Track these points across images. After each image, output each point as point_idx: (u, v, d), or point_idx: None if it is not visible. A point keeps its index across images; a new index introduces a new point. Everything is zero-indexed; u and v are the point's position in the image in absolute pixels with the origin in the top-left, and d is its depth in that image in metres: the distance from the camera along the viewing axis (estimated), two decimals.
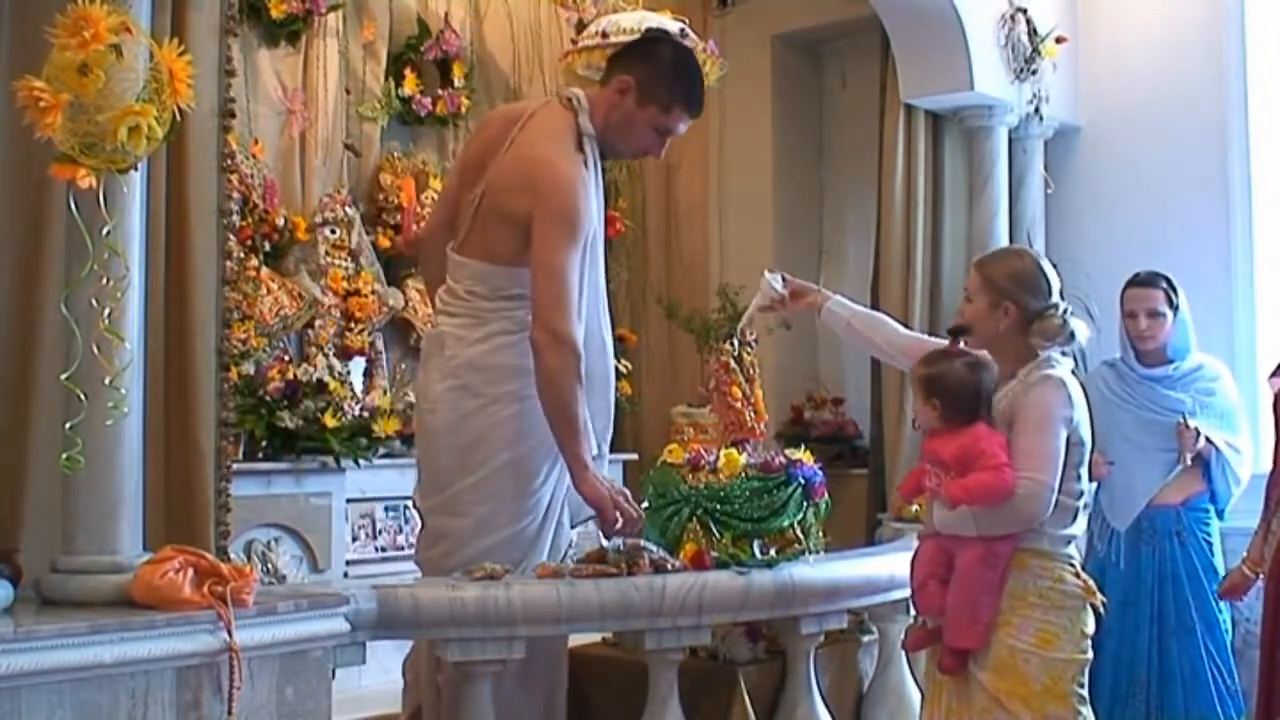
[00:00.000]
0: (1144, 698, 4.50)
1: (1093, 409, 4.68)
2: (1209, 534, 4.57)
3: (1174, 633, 4.47)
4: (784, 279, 3.62)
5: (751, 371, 3.98)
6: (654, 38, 3.72)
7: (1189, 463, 4.49)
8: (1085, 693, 3.07)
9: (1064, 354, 3.21)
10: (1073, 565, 3.11)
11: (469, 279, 3.43)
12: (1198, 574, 4.50)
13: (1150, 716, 4.48)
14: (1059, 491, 3.02)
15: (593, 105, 3.49)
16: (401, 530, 5.52)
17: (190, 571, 2.55)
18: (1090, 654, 3.11)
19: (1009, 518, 3.00)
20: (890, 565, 3.87)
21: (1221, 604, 4.48)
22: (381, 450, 5.35)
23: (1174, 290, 4.58)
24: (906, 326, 5.76)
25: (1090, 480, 4.64)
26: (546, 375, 3.25)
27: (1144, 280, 4.61)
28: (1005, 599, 3.02)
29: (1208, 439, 4.47)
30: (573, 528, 3.63)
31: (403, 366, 5.79)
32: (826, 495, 3.83)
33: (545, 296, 3.27)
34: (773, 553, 3.52)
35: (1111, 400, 4.62)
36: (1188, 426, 4.44)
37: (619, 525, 3.32)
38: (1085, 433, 3.14)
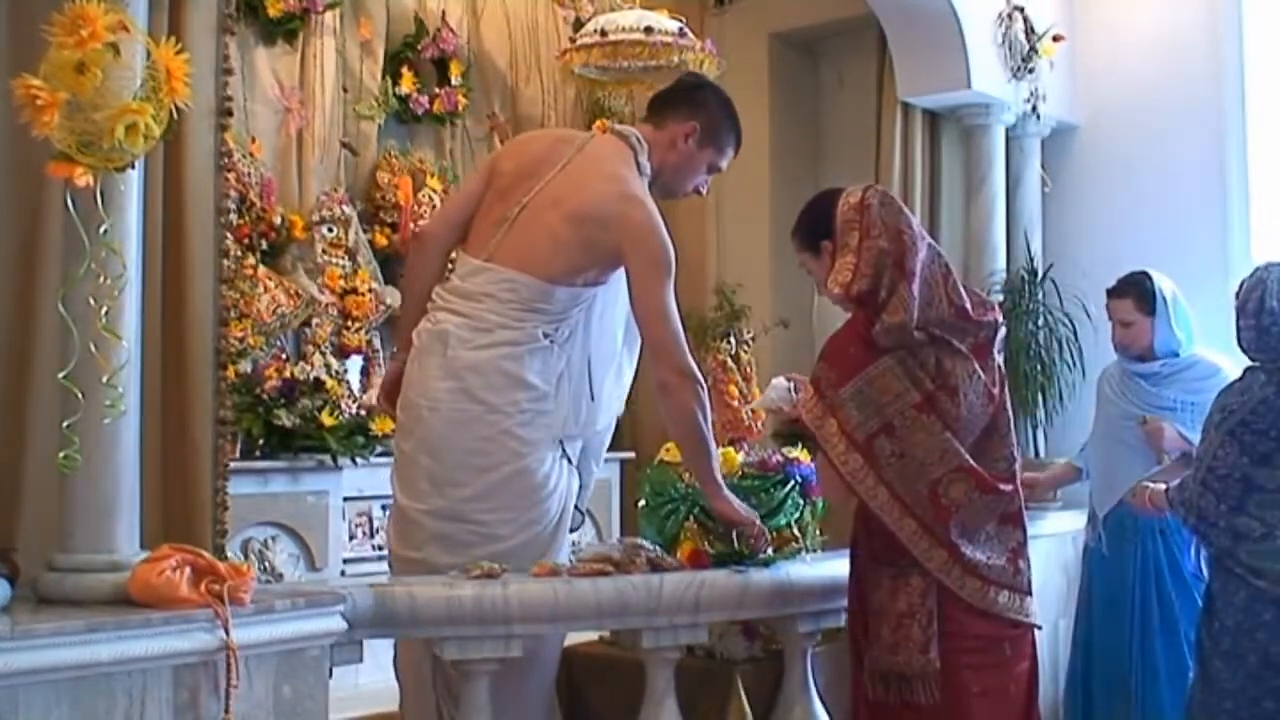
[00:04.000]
0: (1129, 694, 4.51)
1: (1098, 403, 4.73)
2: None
3: (1158, 630, 4.49)
4: (794, 387, 3.63)
5: (748, 370, 3.99)
6: (698, 84, 3.91)
7: (1171, 460, 4.49)
8: None
9: None
10: None
11: (491, 284, 3.43)
12: (1180, 572, 4.51)
13: (1135, 713, 4.50)
14: None
15: (650, 144, 3.62)
16: None
17: (187, 570, 2.55)
18: None
19: None
20: None
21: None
22: (379, 449, 5.34)
23: (1148, 294, 4.58)
24: None
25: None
26: (680, 411, 3.39)
27: (1114, 290, 4.67)
28: None
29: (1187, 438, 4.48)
30: (572, 530, 3.65)
31: None
32: None
33: (663, 338, 3.41)
34: (770, 551, 3.52)
35: (1109, 395, 4.68)
36: (1144, 422, 4.47)
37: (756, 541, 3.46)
38: None
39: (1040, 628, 3.23)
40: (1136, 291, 4.60)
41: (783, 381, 3.67)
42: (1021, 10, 5.71)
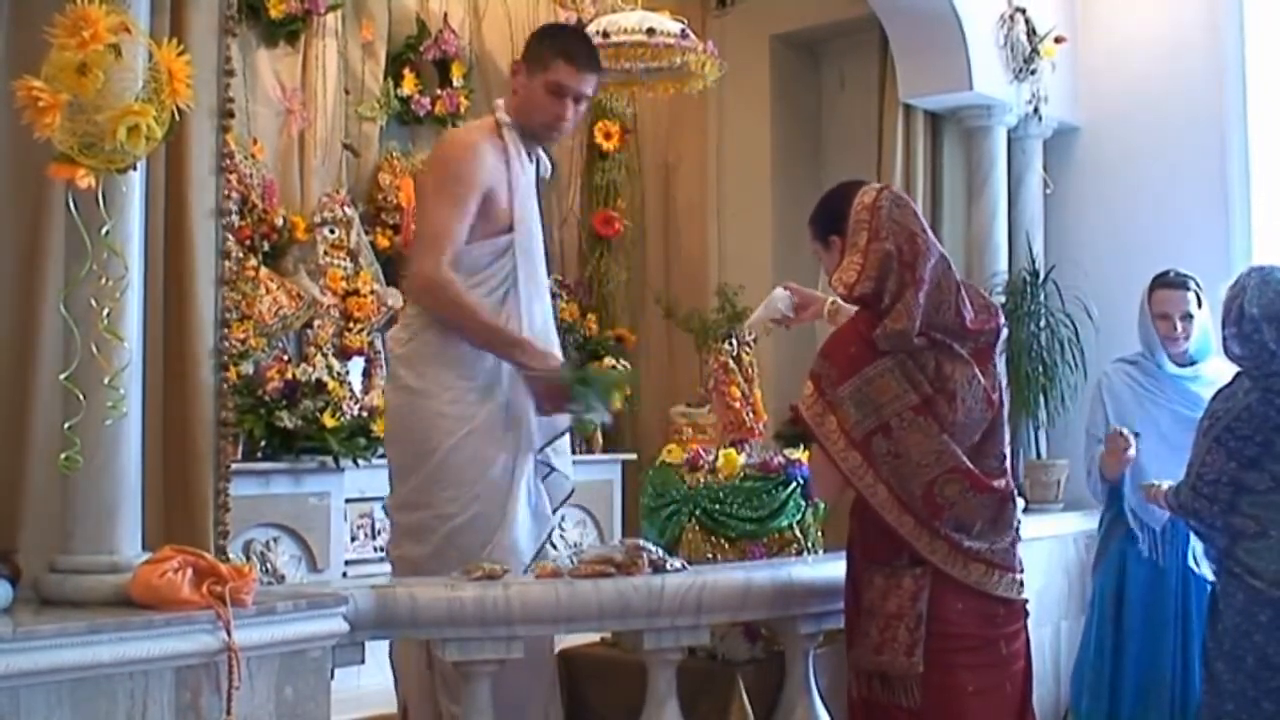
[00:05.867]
0: (1168, 697, 4.47)
1: (1120, 403, 4.64)
2: None
3: (1197, 634, 4.44)
4: (792, 298, 3.67)
5: (750, 371, 3.98)
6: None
7: None
8: None
9: None
10: None
11: (408, 286, 3.73)
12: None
13: (1174, 716, 4.46)
14: None
15: (507, 101, 3.77)
16: None
17: (189, 571, 2.55)
18: None
19: None
20: None
21: None
22: (380, 450, 5.34)
23: (1200, 289, 4.55)
24: None
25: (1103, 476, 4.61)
26: (437, 314, 3.53)
27: (1176, 282, 4.54)
28: None
29: None
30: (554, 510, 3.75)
31: None
32: None
33: (416, 247, 3.65)
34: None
35: (1144, 396, 4.56)
36: None
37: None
38: None
39: (1028, 600, 3.23)
40: (1195, 284, 4.54)
41: (783, 291, 3.70)
42: (1023, 12, 5.71)
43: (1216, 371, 4.49)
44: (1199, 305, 4.53)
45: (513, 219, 3.59)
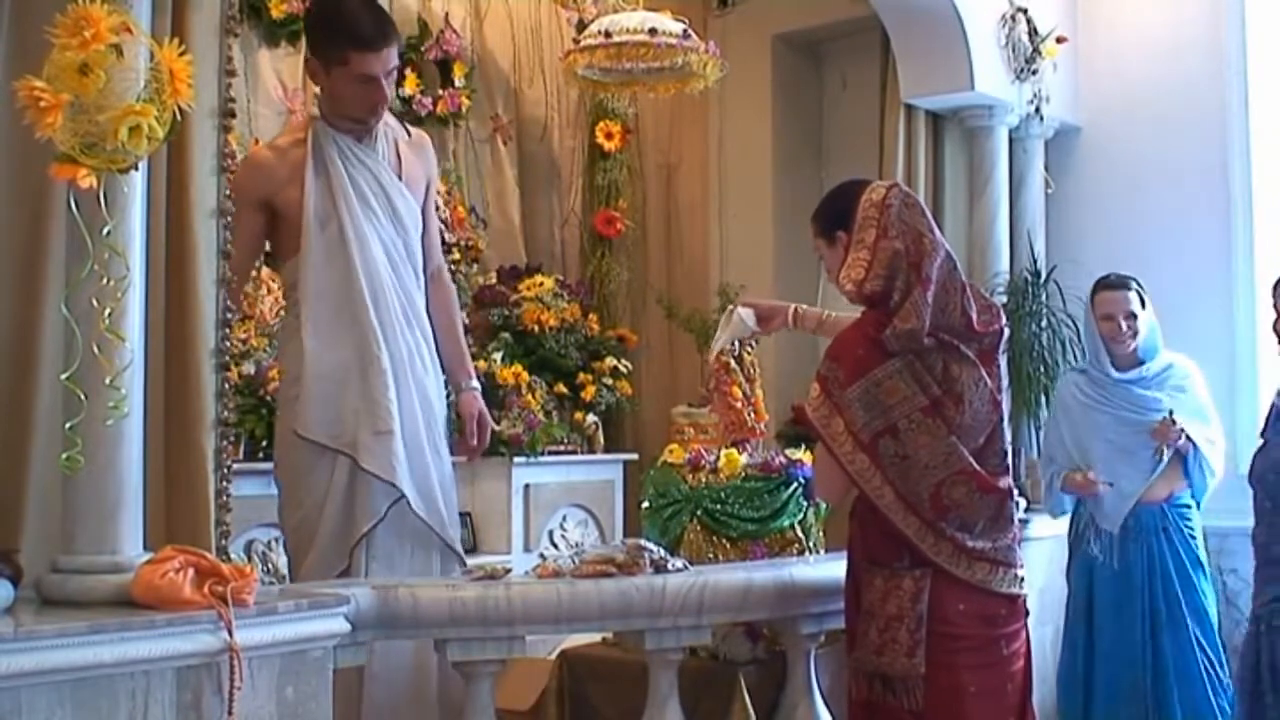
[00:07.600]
0: (1141, 695, 4.52)
1: (1070, 416, 4.75)
2: (1193, 529, 4.63)
3: (1165, 628, 4.52)
4: (753, 313, 3.75)
5: (752, 371, 3.98)
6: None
7: (1165, 457, 4.52)
8: None
9: None
10: None
11: None
12: (1185, 568, 4.55)
13: (1148, 714, 4.50)
14: None
15: (320, 98, 3.74)
16: None
17: (190, 571, 2.55)
18: None
19: None
20: None
21: (1209, 596, 4.54)
22: None
23: (1143, 290, 4.63)
24: None
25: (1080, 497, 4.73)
26: None
27: (1116, 283, 4.67)
28: None
29: (1188, 436, 4.51)
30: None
31: None
32: None
33: None
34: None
35: (1089, 405, 4.67)
36: (1173, 422, 4.48)
37: None
38: None
39: (1027, 596, 3.24)
40: (1136, 285, 4.63)
41: (745, 310, 3.77)
42: (1024, 11, 5.72)
43: (1165, 369, 4.57)
44: (1142, 305, 4.61)
45: (306, 233, 3.52)
